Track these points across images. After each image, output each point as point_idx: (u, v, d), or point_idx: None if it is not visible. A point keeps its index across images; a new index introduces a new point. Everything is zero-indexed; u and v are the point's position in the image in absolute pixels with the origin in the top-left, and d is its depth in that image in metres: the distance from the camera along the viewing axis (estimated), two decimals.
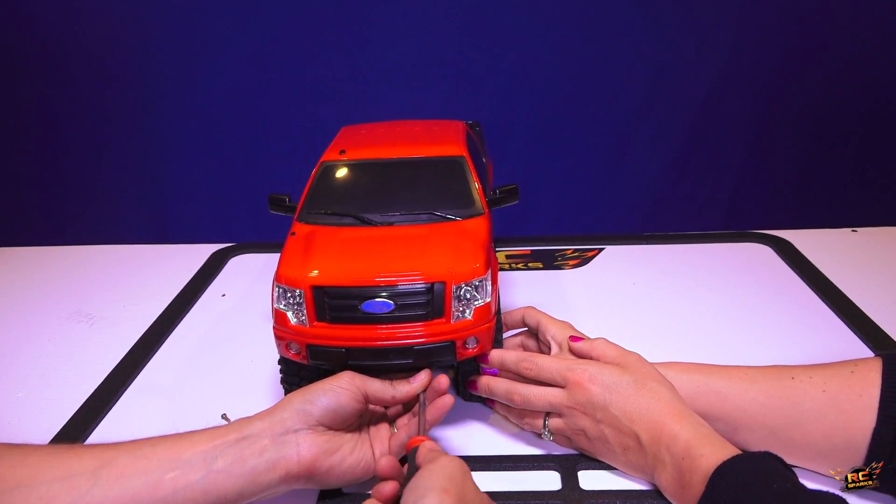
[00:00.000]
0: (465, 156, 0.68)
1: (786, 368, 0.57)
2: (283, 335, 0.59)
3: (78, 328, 0.86)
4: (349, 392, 0.53)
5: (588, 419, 0.56)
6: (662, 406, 0.53)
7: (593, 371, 0.57)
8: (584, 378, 0.56)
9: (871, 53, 1.25)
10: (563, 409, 0.57)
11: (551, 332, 0.64)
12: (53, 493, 0.45)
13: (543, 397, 0.58)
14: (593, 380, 0.56)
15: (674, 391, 0.55)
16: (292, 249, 0.61)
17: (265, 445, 0.49)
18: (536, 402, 0.59)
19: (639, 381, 0.55)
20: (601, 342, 0.60)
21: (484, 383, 0.62)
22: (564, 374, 0.57)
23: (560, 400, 0.57)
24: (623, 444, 0.55)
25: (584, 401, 0.56)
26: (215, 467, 0.47)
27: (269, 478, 0.49)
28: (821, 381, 0.54)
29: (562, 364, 0.58)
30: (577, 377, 0.56)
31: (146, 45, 1.25)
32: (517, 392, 0.59)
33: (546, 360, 0.59)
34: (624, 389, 0.55)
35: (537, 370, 0.59)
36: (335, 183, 0.68)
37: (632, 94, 1.28)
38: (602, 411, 0.55)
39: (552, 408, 0.58)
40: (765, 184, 1.36)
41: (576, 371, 0.57)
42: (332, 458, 0.52)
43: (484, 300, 0.58)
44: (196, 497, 0.47)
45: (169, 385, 0.74)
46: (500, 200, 0.67)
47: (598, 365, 0.57)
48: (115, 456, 0.48)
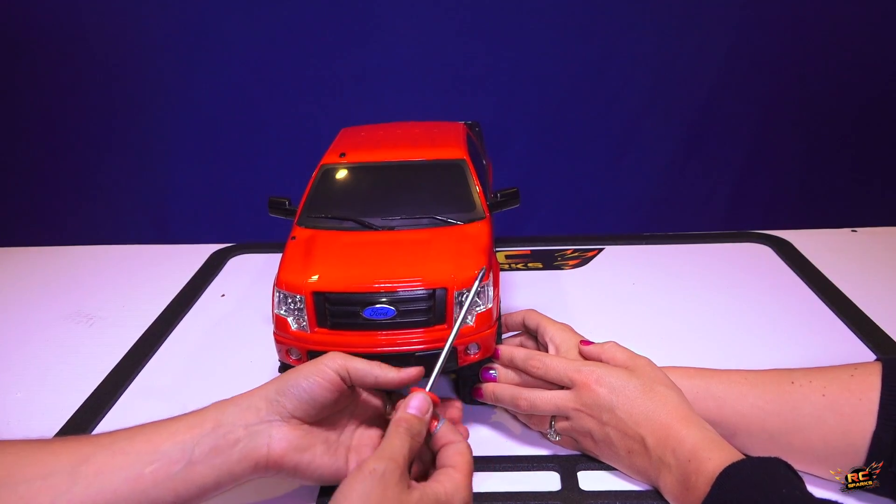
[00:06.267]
0: (466, 159, 0.68)
1: (785, 372, 0.57)
2: (284, 341, 0.58)
3: (77, 328, 0.85)
4: (325, 383, 0.50)
5: (594, 421, 0.56)
6: (670, 410, 0.53)
7: (601, 373, 0.56)
8: (592, 379, 0.56)
9: (871, 53, 1.25)
10: (570, 411, 0.57)
11: (550, 334, 0.64)
12: (34, 492, 0.44)
13: (550, 401, 0.58)
14: (600, 381, 0.55)
15: (681, 396, 0.55)
16: (293, 254, 0.61)
17: (239, 436, 0.48)
18: (543, 406, 0.58)
19: (646, 385, 0.55)
20: (611, 345, 0.60)
21: (490, 390, 0.61)
22: (571, 375, 0.57)
23: (566, 402, 0.57)
24: (628, 447, 0.54)
25: (591, 402, 0.55)
26: (193, 458, 0.47)
27: (241, 468, 0.48)
28: (820, 386, 0.54)
29: (570, 365, 0.58)
30: (584, 378, 0.56)
31: (147, 45, 1.25)
32: (522, 397, 0.59)
33: (554, 360, 0.59)
34: (631, 392, 0.54)
35: (545, 369, 0.59)
36: (335, 186, 0.68)
37: (632, 94, 1.28)
38: (608, 413, 0.54)
39: (558, 411, 0.58)
40: (765, 184, 1.36)
41: (583, 372, 0.56)
42: (301, 457, 0.50)
43: (485, 306, 0.58)
44: (177, 488, 0.46)
45: (168, 385, 0.74)
46: (501, 204, 0.67)
47: (605, 367, 0.57)
48: (93, 452, 0.47)
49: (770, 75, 1.26)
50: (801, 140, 1.32)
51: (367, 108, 1.27)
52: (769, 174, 1.35)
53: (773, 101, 1.29)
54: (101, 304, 0.91)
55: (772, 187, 1.36)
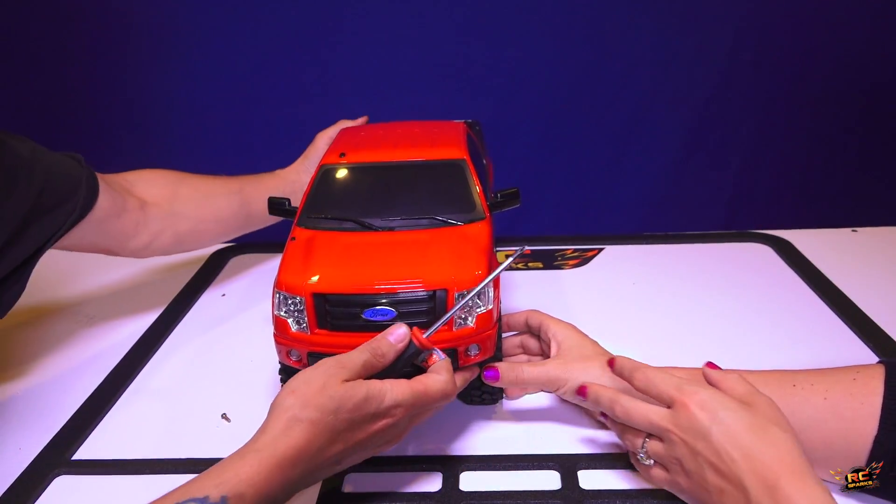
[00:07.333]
0: (466, 159, 0.68)
1: (787, 374, 0.56)
2: (284, 342, 0.58)
3: (77, 328, 0.86)
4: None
5: (686, 449, 0.49)
6: (781, 456, 0.46)
7: (705, 396, 0.49)
8: (693, 400, 0.49)
9: (871, 53, 1.25)
10: (663, 431, 0.51)
11: (552, 331, 0.64)
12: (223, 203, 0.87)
13: (644, 414, 0.52)
14: (703, 405, 0.49)
15: (798, 444, 0.47)
16: (293, 255, 0.60)
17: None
18: (636, 417, 0.53)
19: (758, 423, 0.47)
20: (735, 376, 0.53)
21: (593, 391, 0.57)
22: (671, 392, 0.51)
23: (660, 419, 0.51)
24: (719, 486, 0.47)
25: (686, 425, 0.49)
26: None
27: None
28: (822, 389, 0.53)
29: (673, 381, 0.52)
30: (685, 398, 0.50)
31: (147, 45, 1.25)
32: (620, 403, 0.54)
33: (658, 375, 0.53)
34: (735, 425, 0.47)
35: (646, 382, 0.53)
36: (335, 186, 0.68)
37: (632, 94, 1.28)
38: (703, 441, 0.48)
39: (651, 427, 0.52)
40: (765, 184, 1.36)
41: (684, 391, 0.50)
42: None
43: (486, 307, 0.57)
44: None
45: (168, 385, 0.74)
46: (501, 204, 0.66)
47: (713, 391, 0.50)
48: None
49: (770, 75, 1.26)
50: (802, 140, 1.32)
51: (368, 109, 1.27)
52: (769, 174, 1.35)
53: (773, 101, 1.29)
54: (101, 304, 0.91)
55: (772, 187, 1.36)
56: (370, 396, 0.49)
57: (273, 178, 0.94)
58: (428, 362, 0.55)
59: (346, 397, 0.48)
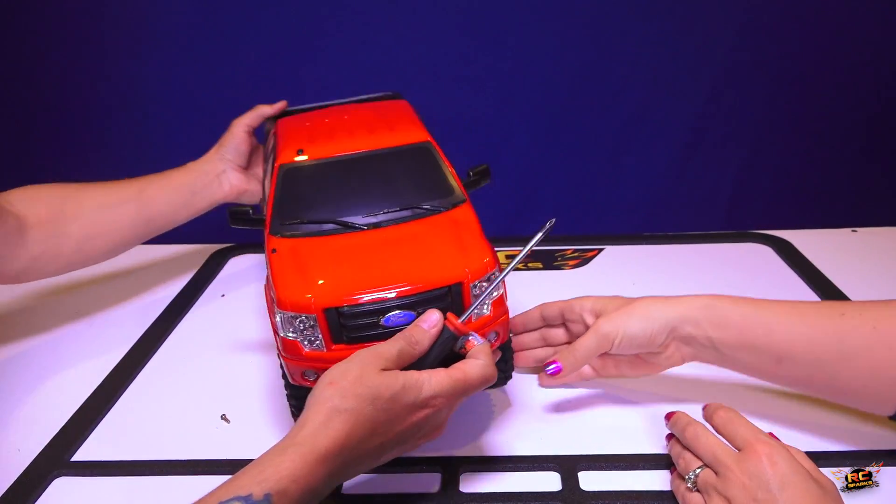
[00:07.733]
0: (430, 140, 0.65)
1: (837, 305, 0.57)
2: (298, 364, 0.55)
3: (77, 328, 0.85)
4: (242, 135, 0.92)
5: (745, 494, 0.48)
6: None
7: (782, 455, 0.48)
8: (766, 452, 0.48)
9: (871, 53, 1.25)
10: (724, 468, 0.50)
11: (577, 305, 0.64)
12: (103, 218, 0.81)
13: (712, 446, 0.52)
14: (774, 459, 0.48)
15: None
16: (283, 269, 0.56)
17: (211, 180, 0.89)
18: (704, 445, 0.52)
19: (826, 498, 0.47)
20: (803, 454, 0.51)
21: (676, 416, 0.57)
22: (749, 437, 0.50)
23: (727, 457, 0.50)
24: None
25: (753, 472, 0.48)
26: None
27: (218, 197, 0.89)
28: (871, 318, 0.53)
29: (753, 428, 0.52)
30: (760, 447, 0.49)
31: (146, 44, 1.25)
32: (692, 426, 0.54)
33: (742, 419, 0.53)
34: (800, 491, 0.46)
35: (727, 419, 0.53)
36: (301, 187, 0.63)
37: (632, 94, 1.28)
38: (765, 493, 0.47)
39: (714, 460, 0.51)
40: (765, 184, 1.36)
41: (762, 441, 0.50)
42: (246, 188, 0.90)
43: (498, 292, 0.57)
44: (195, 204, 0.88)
45: (168, 386, 0.74)
46: (475, 182, 0.66)
47: (788, 451, 0.49)
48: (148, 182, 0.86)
49: (770, 75, 1.26)
50: (802, 140, 1.32)
51: None
52: (769, 174, 1.35)
53: (774, 101, 1.29)
54: (101, 304, 0.91)
55: (772, 187, 1.36)
56: (407, 386, 0.48)
57: (182, 173, 0.88)
58: (466, 347, 0.53)
59: (383, 385, 0.48)
